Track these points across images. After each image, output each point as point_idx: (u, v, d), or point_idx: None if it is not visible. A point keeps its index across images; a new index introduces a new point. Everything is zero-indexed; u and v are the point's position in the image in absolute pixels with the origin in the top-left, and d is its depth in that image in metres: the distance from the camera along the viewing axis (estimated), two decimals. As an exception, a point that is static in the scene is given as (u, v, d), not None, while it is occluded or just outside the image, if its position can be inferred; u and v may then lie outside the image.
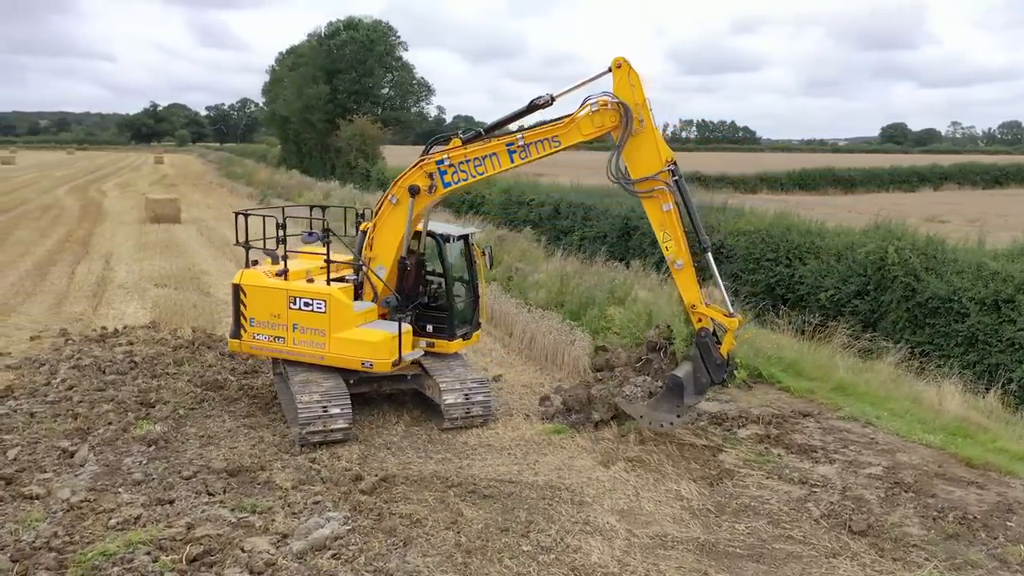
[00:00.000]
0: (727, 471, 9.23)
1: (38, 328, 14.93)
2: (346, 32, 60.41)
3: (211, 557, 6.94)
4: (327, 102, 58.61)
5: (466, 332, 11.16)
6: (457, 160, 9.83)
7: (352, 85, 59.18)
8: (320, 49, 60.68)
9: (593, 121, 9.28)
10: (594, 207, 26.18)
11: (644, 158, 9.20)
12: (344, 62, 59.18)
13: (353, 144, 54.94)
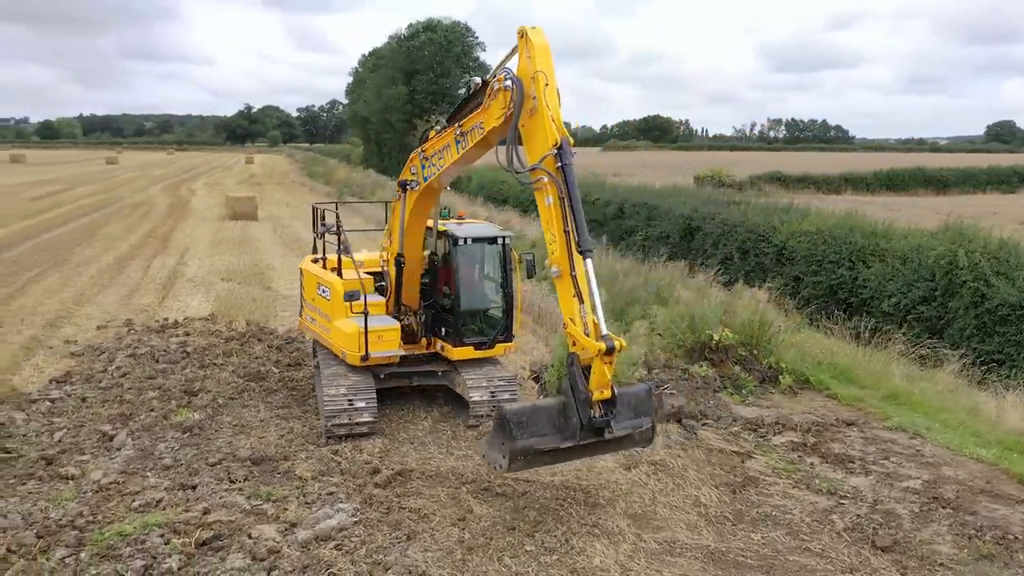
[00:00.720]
0: (752, 479, 8.93)
1: (107, 318, 15.71)
2: (425, 34, 61.32)
3: (219, 542, 7.14)
4: (405, 103, 59.64)
5: (485, 341, 10.59)
6: (430, 152, 9.50)
7: (429, 86, 60.02)
8: (399, 51, 61.80)
9: (499, 103, 7.94)
10: (658, 207, 25.81)
11: (536, 142, 7.68)
12: (422, 63, 60.09)
13: (429, 144, 55.68)
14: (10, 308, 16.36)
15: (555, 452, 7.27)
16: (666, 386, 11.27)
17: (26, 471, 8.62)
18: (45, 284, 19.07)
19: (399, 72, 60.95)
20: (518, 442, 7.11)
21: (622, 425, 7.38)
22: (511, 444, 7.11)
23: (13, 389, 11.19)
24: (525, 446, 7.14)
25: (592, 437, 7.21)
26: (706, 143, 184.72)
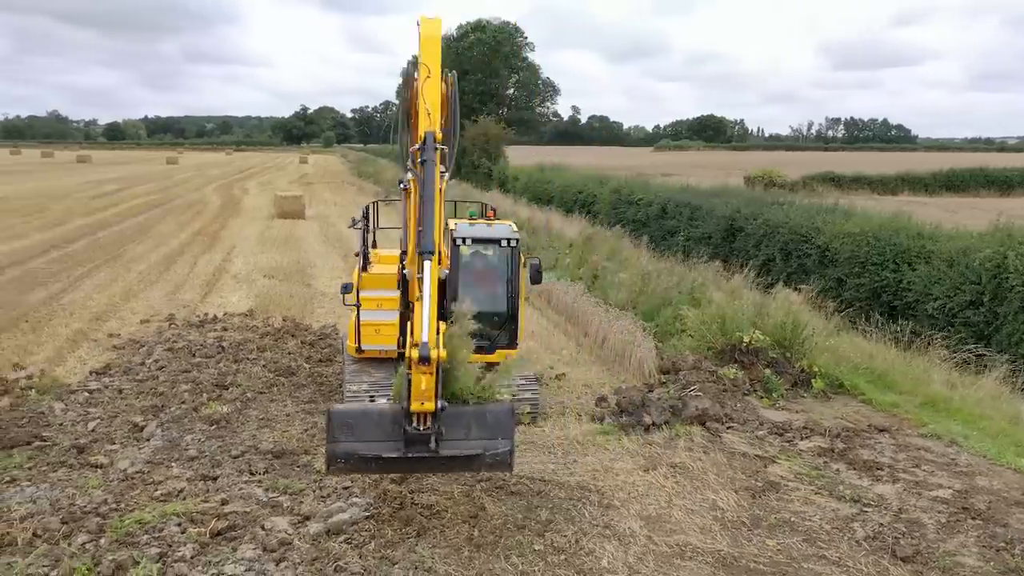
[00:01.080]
0: (773, 484, 8.76)
1: (150, 313, 16.17)
2: (474, 34, 61.68)
3: (233, 532, 7.29)
4: (455, 103, 60.04)
5: (483, 346, 10.03)
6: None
7: (478, 86, 60.35)
8: (448, 51, 62.18)
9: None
10: (700, 207, 25.47)
11: (413, 135, 7.34)
12: (471, 64, 60.43)
13: (477, 144, 55.94)
14: (61, 302, 16.95)
15: (379, 461, 6.81)
16: (692, 388, 11.12)
17: (58, 459, 8.93)
18: (96, 279, 19.71)
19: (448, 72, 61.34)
20: (339, 445, 6.79)
21: (462, 444, 6.84)
22: (330, 446, 6.84)
23: (55, 380, 11.59)
24: (346, 450, 6.78)
25: (422, 451, 6.69)
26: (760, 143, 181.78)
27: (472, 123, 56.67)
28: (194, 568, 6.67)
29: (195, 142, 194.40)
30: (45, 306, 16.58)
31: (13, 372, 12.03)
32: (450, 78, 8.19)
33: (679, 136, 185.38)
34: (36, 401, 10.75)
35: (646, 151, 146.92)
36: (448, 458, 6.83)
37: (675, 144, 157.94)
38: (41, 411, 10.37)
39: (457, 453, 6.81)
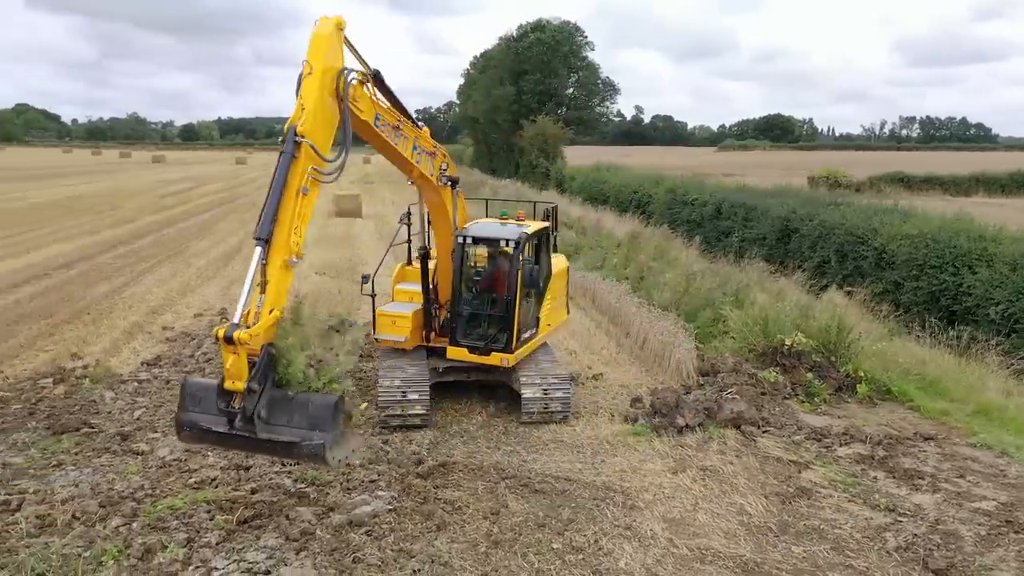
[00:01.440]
0: (805, 490, 8.53)
1: (204, 307, 16.67)
2: (533, 34, 61.72)
3: (259, 521, 7.47)
4: (512, 103, 60.22)
5: (478, 347, 10.27)
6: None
7: (536, 86, 60.38)
8: (508, 52, 62.47)
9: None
10: (755, 208, 24.97)
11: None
12: (530, 63, 60.50)
13: (535, 143, 56.04)
14: (123, 296, 17.62)
15: (216, 435, 6.92)
16: (729, 391, 10.92)
17: (103, 445, 9.29)
18: (157, 274, 20.43)
19: (507, 73, 61.59)
20: (185, 414, 7.04)
21: (281, 430, 6.83)
22: (178, 414, 7.15)
23: (108, 369, 12.06)
24: (190, 419, 7.00)
25: (243, 430, 6.78)
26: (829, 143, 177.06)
27: (530, 123, 56.79)
28: (218, 554, 6.87)
29: (264, 142, 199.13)
30: (107, 299, 17.25)
31: (71, 361, 12.57)
32: (347, 86, 7.87)
33: (744, 136, 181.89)
34: (89, 389, 11.21)
35: (709, 151, 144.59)
36: (266, 441, 6.82)
37: (739, 144, 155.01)
38: (92, 399, 10.82)
39: (274, 438, 6.79)
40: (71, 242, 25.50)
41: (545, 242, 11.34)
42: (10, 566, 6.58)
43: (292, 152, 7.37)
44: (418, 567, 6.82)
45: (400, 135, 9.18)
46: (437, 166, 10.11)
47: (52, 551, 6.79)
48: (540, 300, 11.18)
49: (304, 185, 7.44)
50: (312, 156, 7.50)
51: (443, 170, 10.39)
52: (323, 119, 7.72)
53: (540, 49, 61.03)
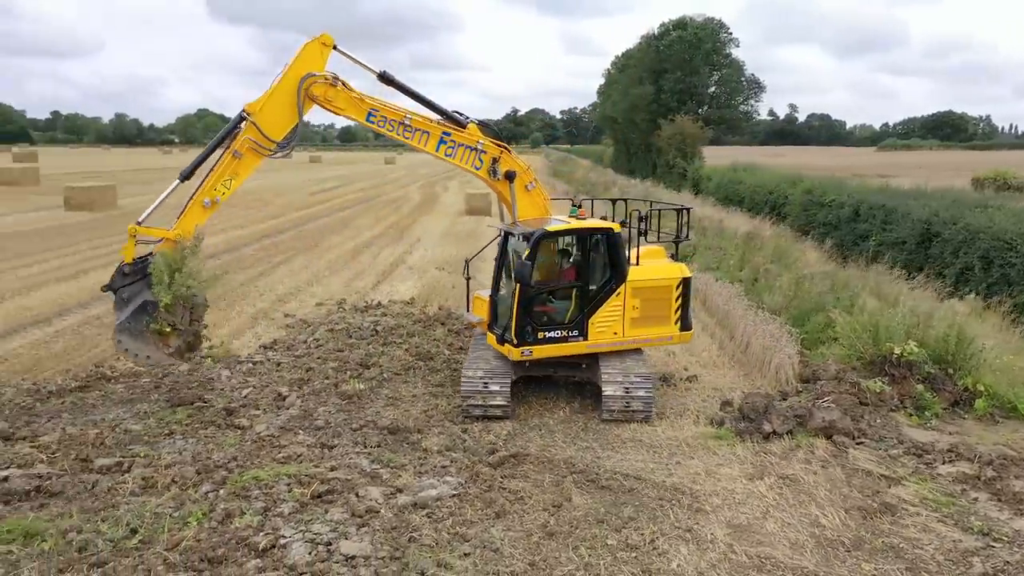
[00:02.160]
0: (891, 506, 8.03)
1: (327, 297, 17.67)
2: (675, 32, 60.63)
3: (331, 496, 7.90)
4: (650, 102, 59.41)
5: (499, 335, 10.43)
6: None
7: (676, 84, 59.26)
8: (648, 50, 61.67)
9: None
10: (895, 210, 23.42)
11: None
12: (670, 62, 59.46)
13: (672, 143, 55.04)
14: (256, 285, 18.97)
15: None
16: (826, 399, 10.41)
17: (210, 419, 10.09)
18: (291, 266, 21.82)
19: (646, 72, 60.83)
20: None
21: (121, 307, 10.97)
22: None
23: (228, 351, 13.06)
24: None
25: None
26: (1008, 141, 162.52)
27: (668, 122, 55.83)
28: (287, 523, 7.34)
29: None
30: (242, 288, 18.63)
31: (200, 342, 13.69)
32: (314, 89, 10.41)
33: (909, 135, 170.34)
34: (209, 368, 12.18)
35: (868, 151, 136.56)
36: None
37: (903, 143, 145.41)
38: (211, 377, 11.75)
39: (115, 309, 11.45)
40: (221, 235, 27.63)
41: (606, 244, 10.69)
42: (110, 520, 7.32)
43: (236, 123, 10.42)
44: (469, 551, 7.00)
45: (412, 130, 10.50)
46: (486, 161, 10.42)
47: (147, 509, 7.50)
48: (590, 304, 10.50)
49: (237, 150, 10.39)
50: (253, 131, 10.31)
51: (494, 163, 10.68)
52: (275, 111, 10.22)
53: (681, 47, 59.83)
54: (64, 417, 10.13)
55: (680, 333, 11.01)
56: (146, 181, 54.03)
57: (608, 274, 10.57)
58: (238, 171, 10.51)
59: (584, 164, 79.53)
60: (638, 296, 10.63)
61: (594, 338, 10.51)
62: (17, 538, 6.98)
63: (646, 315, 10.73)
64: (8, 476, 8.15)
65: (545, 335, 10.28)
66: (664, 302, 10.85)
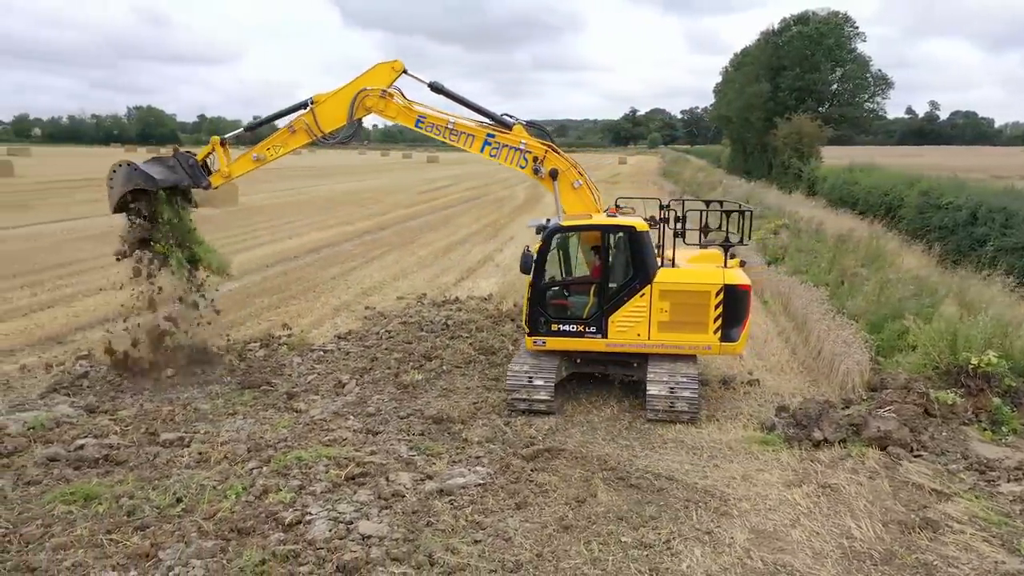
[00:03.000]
0: (934, 522, 7.58)
1: (409, 291, 18.23)
2: (795, 27, 58.31)
3: (363, 479, 8.25)
4: (767, 100, 57.37)
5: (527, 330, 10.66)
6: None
7: (795, 82, 56.93)
8: (766, 47, 59.62)
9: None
10: (1018, 212, 21.74)
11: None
12: (789, 59, 57.22)
13: (788, 143, 53.01)
14: (347, 279, 19.80)
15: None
16: (888, 408, 9.90)
17: (272, 402, 10.72)
18: (383, 261, 22.61)
19: (763, 69, 58.81)
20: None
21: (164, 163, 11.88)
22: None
23: (303, 340, 13.75)
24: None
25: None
26: None
27: (785, 121, 53.80)
28: (317, 501, 7.73)
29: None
30: (333, 280, 19.50)
31: (281, 331, 14.50)
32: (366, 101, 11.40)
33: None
34: (284, 355, 12.90)
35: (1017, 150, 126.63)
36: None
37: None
38: (283, 363, 12.44)
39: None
40: (327, 231, 28.94)
41: (627, 242, 10.48)
42: (160, 488, 7.95)
43: (302, 104, 11.53)
44: (481, 539, 7.16)
45: (457, 133, 11.36)
46: (530, 160, 11.03)
47: (194, 481, 8.08)
48: (609, 302, 10.36)
49: (292, 126, 11.55)
50: (310, 117, 11.38)
51: (537, 162, 11.10)
52: (333, 108, 11.35)
53: (801, 43, 57.39)
54: (145, 394, 11.01)
55: (722, 344, 10.45)
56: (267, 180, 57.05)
57: (631, 273, 10.42)
58: (288, 142, 11.65)
59: (697, 164, 77.78)
60: (667, 299, 10.30)
61: (614, 337, 10.39)
62: (78, 500, 7.70)
63: (677, 320, 10.34)
64: (84, 445, 8.97)
65: (559, 328, 10.37)
66: (699, 308, 10.32)
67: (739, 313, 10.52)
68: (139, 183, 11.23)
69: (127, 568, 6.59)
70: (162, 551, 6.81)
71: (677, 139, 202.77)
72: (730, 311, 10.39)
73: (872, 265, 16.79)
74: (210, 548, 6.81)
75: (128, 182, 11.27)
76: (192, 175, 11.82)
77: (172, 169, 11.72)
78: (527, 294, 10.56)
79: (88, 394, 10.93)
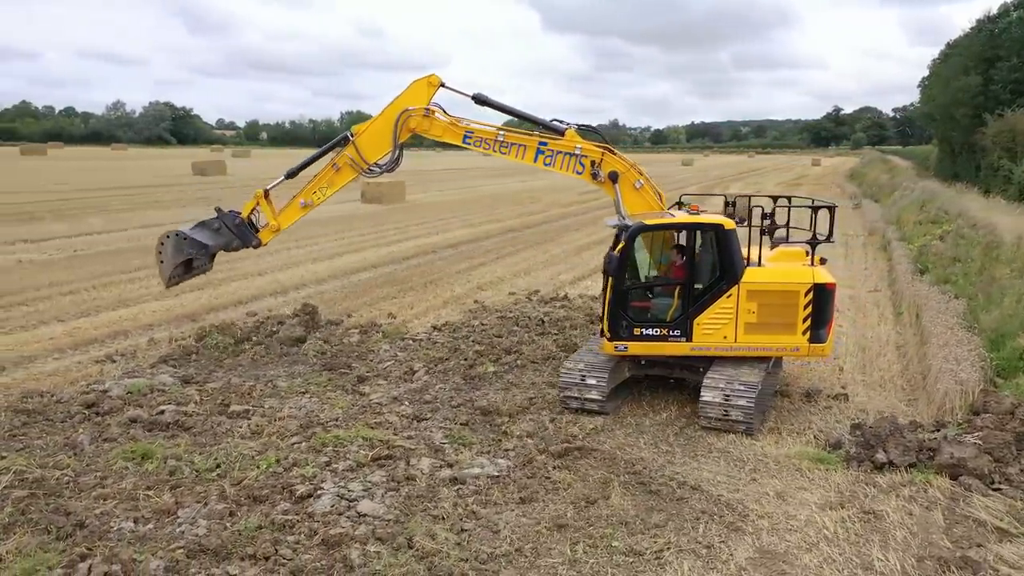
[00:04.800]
0: (975, 562, 6.64)
1: (523, 288, 18.40)
2: (1016, 12, 52.19)
3: (385, 461, 8.51)
4: (975, 95, 51.76)
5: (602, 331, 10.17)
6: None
7: (1010, 73, 50.88)
8: (978, 36, 53.85)
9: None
10: None
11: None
12: (1004, 48, 51.29)
13: (999, 142, 47.57)
14: (470, 274, 20.33)
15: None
16: (976, 433, 8.75)
17: (343, 384, 11.27)
18: (513, 258, 22.96)
19: (974, 60, 53.13)
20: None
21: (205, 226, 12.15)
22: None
23: (399, 329, 14.32)
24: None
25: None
26: None
27: (996, 118, 48.32)
28: (333, 477, 8.10)
29: (725, 146, 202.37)
30: (457, 275, 20.10)
31: (385, 319, 15.20)
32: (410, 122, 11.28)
33: None
34: (376, 341, 13.53)
35: None
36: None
37: None
38: (372, 349, 13.06)
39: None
40: (474, 227, 29.82)
41: (713, 241, 10.04)
42: (205, 453, 8.67)
43: (340, 141, 11.65)
44: (469, 528, 7.19)
45: (508, 145, 11.06)
46: (587, 164, 10.64)
47: (238, 450, 8.74)
48: (694, 304, 9.92)
49: (336, 163, 11.45)
50: (353, 151, 11.33)
51: (595, 166, 10.78)
52: (375, 137, 11.29)
53: (1022, 29, 51.30)
54: (238, 370, 12.00)
55: (811, 346, 9.97)
56: (442, 179, 59.69)
57: (718, 273, 9.92)
58: (334, 181, 11.52)
59: (897, 166, 71.72)
60: (755, 300, 9.86)
61: (699, 340, 9.94)
62: (136, 458, 8.56)
63: (765, 321, 9.89)
64: (164, 410, 9.96)
65: (641, 332, 9.95)
66: (789, 308, 9.90)
67: (826, 313, 10.11)
68: (190, 254, 11.69)
69: (148, 521, 7.24)
70: (182, 509, 7.44)
71: (887, 139, 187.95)
72: (818, 311, 9.93)
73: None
74: (220, 511, 7.34)
75: (178, 254, 11.63)
76: (240, 235, 11.81)
77: (219, 232, 11.86)
78: (607, 297, 10.14)
79: (191, 366, 12.08)
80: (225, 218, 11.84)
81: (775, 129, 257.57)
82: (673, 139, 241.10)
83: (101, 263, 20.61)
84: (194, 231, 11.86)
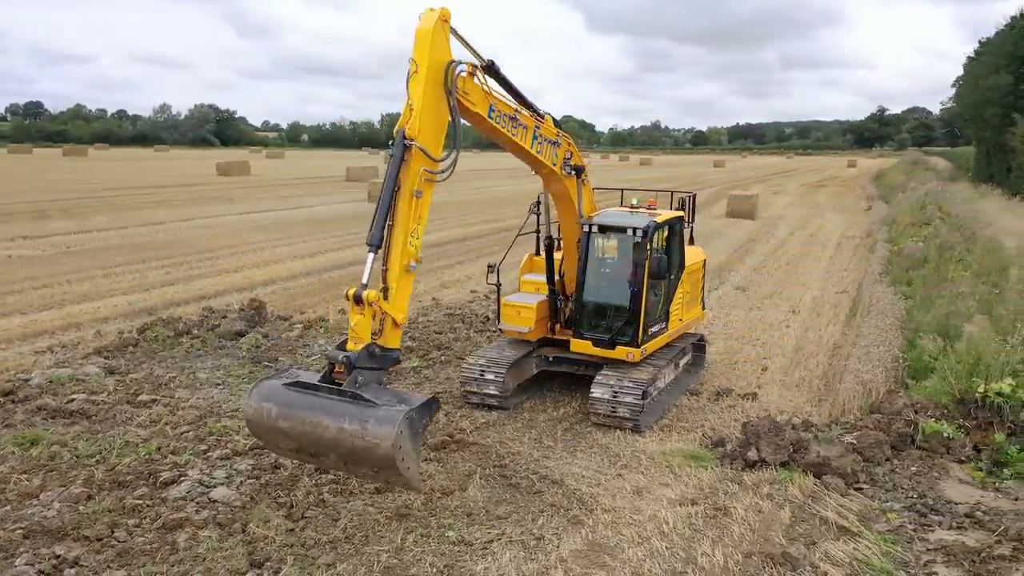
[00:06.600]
0: (794, 558, 6.55)
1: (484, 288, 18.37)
2: (1050, 8, 50.56)
3: (259, 450, 8.66)
4: (1006, 94, 50.26)
5: (603, 339, 9.96)
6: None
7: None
8: (1011, 33, 52.31)
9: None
10: None
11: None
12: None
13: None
14: (441, 274, 20.54)
15: (301, 386, 6.85)
16: (854, 434, 8.61)
17: (262, 375, 11.48)
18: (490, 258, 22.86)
19: (1006, 58, 51.60)
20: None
21: (360, 387, 6.61)
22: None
23: (341, 324, 14.50)
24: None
25: (340, 379, 6.77)
26: None
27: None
28: (203, 464, 8.29)
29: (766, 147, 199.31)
30: (428, 273, 20.23)
31: (336, 315, 15.42)
32: (455, 79, 7.58)
33: None
34: (314, 337, 13.75)
35: None
36: (348, 395, 6.61)
37: None
38: (308, 344, 13.29)
39: (357, 392, 6.58)
40: (468, 227, 30.00)
41: (678, 232, 10.75)
42: (92, 440, 8.93)
43: (402, 156, 7.20)
44: (311, 516, 7.29)
45: (518, 124, 8.95)
46: (561, 155, 9.82)
47: (126, 438, 9.00)
48: (671, 293, 10.68)
49: (417, 188, 7.28)
50: (423, 158, 7.29)
51: (567, 159, 10.05)
52: (432, 118, 7.46)
53: (1056, 26, 49.72)
54: (168, 362, 12.30)
55: (702, 312, 12.46)
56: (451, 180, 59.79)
57: (680, 262, 10.86)
58: (420, 212, 7.52)
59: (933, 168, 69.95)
60: (688, 280, 11.19)
61: (672, 326, 10.82)
62: (24, 444, 8.85)
63: (690, 299, 11.45)
64: (74, 399, 10.28)
65: (650, 330, 10.24)
66: (698, 284, 11.99)
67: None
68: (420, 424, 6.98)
69: (8, 504, 7.49)
70: (44, 493, 7.70)
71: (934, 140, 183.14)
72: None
73: (987, 277, 14.35)
74: (78, 495, 7.59)
75: (416, 439, 6.74)
76: (382, 363, 7.10)
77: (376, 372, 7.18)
78: (633, 304, 9.76)
79: (124, 358, 12.41)
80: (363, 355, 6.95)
81: (820, 130, 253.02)
82: (714, 140, 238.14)
83: (86, 259, 21.23)
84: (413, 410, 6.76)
